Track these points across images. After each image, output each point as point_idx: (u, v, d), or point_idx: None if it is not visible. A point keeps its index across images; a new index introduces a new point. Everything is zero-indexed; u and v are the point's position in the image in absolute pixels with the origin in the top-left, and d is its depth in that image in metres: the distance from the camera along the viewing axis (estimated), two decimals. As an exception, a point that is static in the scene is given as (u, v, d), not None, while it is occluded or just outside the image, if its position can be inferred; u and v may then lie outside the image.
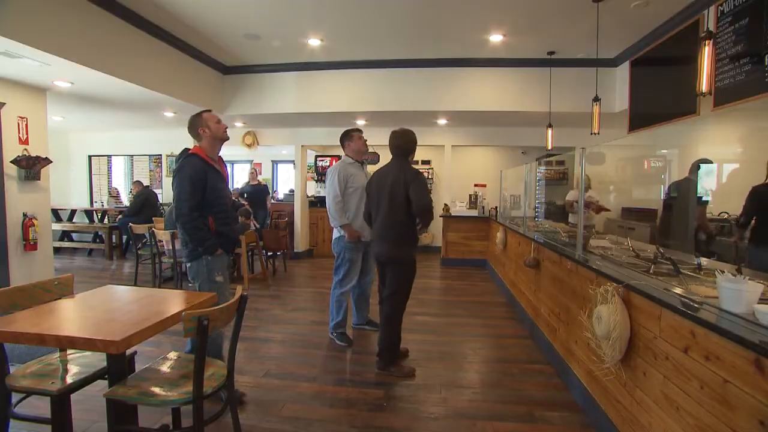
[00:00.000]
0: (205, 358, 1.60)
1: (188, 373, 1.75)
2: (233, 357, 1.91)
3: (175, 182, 2.54)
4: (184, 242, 2.60)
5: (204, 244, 2.52)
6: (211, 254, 2.56)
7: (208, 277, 2.57)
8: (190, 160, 2.55)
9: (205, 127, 2.60)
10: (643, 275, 2.17)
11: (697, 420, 1.48)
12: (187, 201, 2.47)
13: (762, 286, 1.48)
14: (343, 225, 3.44)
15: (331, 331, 3.65)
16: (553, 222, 4.66)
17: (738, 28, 3.17)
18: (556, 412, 2.48)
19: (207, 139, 2.61)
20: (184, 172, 2.50)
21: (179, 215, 2.50)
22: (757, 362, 1.22)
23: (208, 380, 1.77)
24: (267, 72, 5.97)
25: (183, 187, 2.49)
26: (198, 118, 2.62)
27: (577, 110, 5.20)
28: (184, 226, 2.51)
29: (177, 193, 2.51)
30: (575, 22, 4.19)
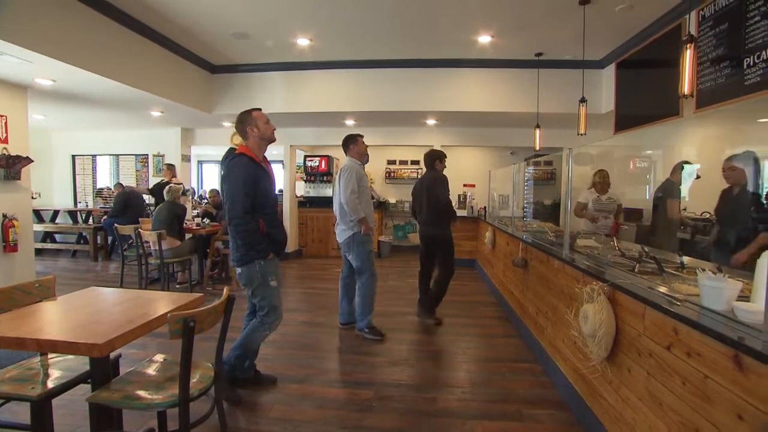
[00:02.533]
0: (191, 360, 1.58)
1: (174, 376, 1.73)
2: (221, 358, 1.89)
3: (227, 184, 2.46)
4: (234, 246, 2.53)
5: (257, 247, 2.47)
6: (264, 258, 2.51)
7: (263, 282, 2.53)
8: (241, 160, 2.47)
9: (254, 126, 2.52)
10: (628, 274, 2.20)
11: (680, 416, 1.51)
12: (241, 203, 2.39)
13: (740, 283, 1.51)
14: (361, 219, 3.60)
15: (364, 328, 3.68)
16: (541, 222, 4.71)
17: (718, 32, 3.24)
18: (544, 410, 2.51)
19: (254, 138, 2.52)
20: (235, 174, 2.43)
21: (232, 218, 2.43)
22: (736, 358, 1.25)
23: (195, 383, 1.75)
24: (255, 71, 5.93)
25: (236, 188, 2.41)
26: (248, 116, 2.53)
27: (564, 111, 5.26)
28: (237, 228, 2.43)
29: (230, 195, 2.43)
30: (562, 23, 4.24)
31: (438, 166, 4.14)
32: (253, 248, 2.47)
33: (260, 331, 2.64)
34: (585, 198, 4.41)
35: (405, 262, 7.51)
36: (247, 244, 2.45)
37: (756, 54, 2.89)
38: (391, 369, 3.04)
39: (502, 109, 5.58)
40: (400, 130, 7.41)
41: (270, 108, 5.99)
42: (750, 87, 2.94)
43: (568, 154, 2.81)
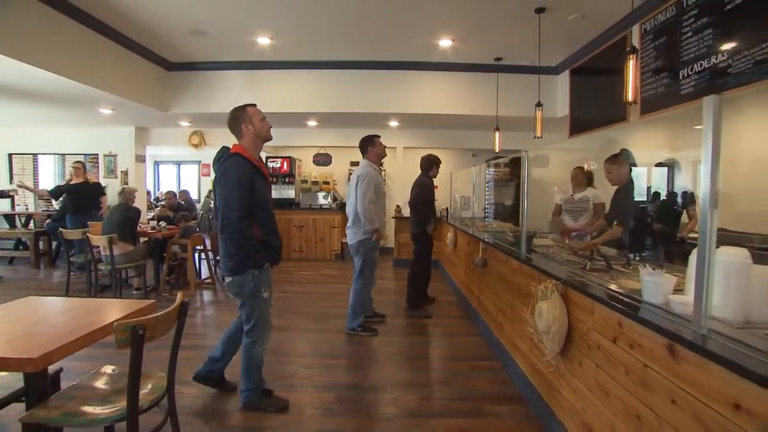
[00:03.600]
0: (141, 370, 1.51)
1: (124, 388, 1.64)
2: (174, 367, 1.81)
3: (220, 187, 2.27)
4: (227, 254, 2.33)
5: (253, 256, 2.29)
6: (258, 268, 2.33)
7: (254, 293, 2.36)
8: (236, 160, 2.28)
9: (249, 124, 2.35)
10: (580, 272, 2.31)
11: (623, 403, 1.60)
12: (237, 209, 2.21)
13: (675, 278, 1.62)
14: (376, 228, 3.71)
15: (356, 327, 3.78)
16: (501, 222, 4.85)
17: (658, 45, 3.47)
18: (504, 405, 2.58)
19: (249, 137, 2.35)
20: (230, 175, 2.24)
21: (227, 224, 2.24)
22: (670, 347, 1.34)
23: (146, 393, 1.67)
24: (214, 69, 5.76)
25: (231, 192, 2.22)
26: (242, 112, 2.36)
27: (522, 114, 5.44)
28: (232, 236, 2.25)
29: (223, 199, 2.24)
30: (520, 30, 4.39)
31: (432, 171, 4.50)
32: (249, 257, 2.29)
33: (256, 348, 2.48)
34: (560, 198, 4.16)
35: (370, 264, 7.51)
36: (242, 253, 2.27)
37: (689, 66, 3.12)
38: (353, 371, 3.03)
39: (463, 112, 5.71)
40: (364, 131, 7.29)
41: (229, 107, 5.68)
42: (685, 96, 3.16)
43: (524, 157, 2.91)
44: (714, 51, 2.92)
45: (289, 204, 8.18)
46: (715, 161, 1.26)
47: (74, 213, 5.78)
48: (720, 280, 1.36)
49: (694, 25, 3.07)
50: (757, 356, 1.09)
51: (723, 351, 1.15)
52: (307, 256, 8.06)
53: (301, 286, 5.97)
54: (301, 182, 8.60)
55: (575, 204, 4.01)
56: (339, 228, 8.09)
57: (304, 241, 8.08)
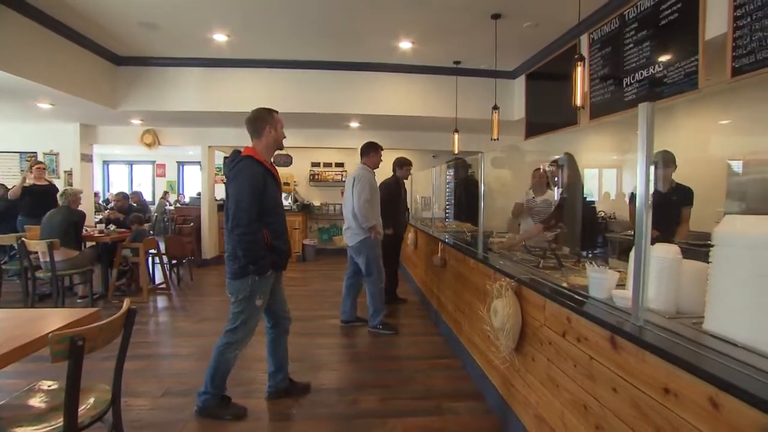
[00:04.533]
0: (80, 384, 1.41)
1: (62, 404, 1.53)
2: (119, 379, 1.71)
3: (233, 188, 2.25)
4: (232, 256, 2.30)
5: (259, 262, 2.27)
6: (260, 275, 2.30)
7: (248, 298, 2.33)
8: (249, 163, 2.28)
9: (273, 128, 2.37)
10: (533, 270, 2.40)
11: (572, 394, 1.68)
12: (248, 211, 2.21)
13: (618, 274, 1.72)
14: (373, 225, 3.81)
15: (377, 325, 3.88)
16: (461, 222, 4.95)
17: (604, 54, 3.68)
18: (462, 402, 2.64)
19: (268, 141, 2.37)
20: (243, 177, 2.23)
21: (237, 226, 2.22)
22: (612, 339, 1.42)
23: (88, 409, 1.57)
24: (168, 66, 5.51)
25: (243, 194, 2.21)
26: (269, 115, 2.38)
27: (481, 117, 5.58)
28: (242, 238, 2.23)
29: (235, 202, 2.22)
30: (477, 35, 4.51)
31: (398, 172, 4.60)
32: (255, 262, 2.27)
33: (229, 352, 2.42)
34: (522, 199, 4.08)
35: (329, 266, 7.46)
36: (248, 256, 2.25)
37: (632, 75, 3.33)
38: (312, 374, 2.99)
39: (424, 114, 5.78)
40: (324, 132, 7.35)
41: (185, 106, 5.62)
42: (628, 102, 3.37)
43: (481, 158, 2.99)
44: (652, 62, 3.13)
45: (249, 205, 7.96)
46: (648, 164, 1.35)
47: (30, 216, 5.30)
48: (654, 274, 1.46)
49: (635, 37, 3.28)
50: (685, 344, 1.18)
51: (655, 340, 1.23)
52: (268, 258, 7.87)
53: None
54: (262, 183, 8.40)
55: (537, 207, 3.93)
56: (300, 230, 7.98)
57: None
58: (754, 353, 1.06)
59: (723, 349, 1.10)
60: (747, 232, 1.15)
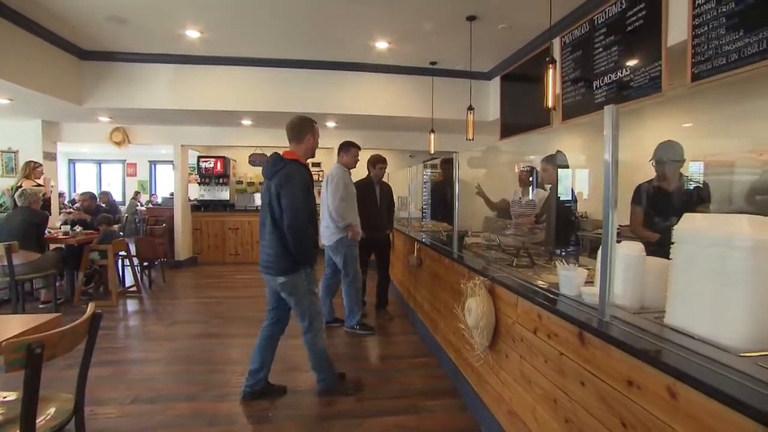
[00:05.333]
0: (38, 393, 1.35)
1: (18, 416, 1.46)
2: (83, 387, 1.65)
3: (287, 190, 2.40)
4: (281, 254, 2.46)
5: (311, 256, 2.52)
6: (311, 267, 2.56)
7: (309, 291, 2.56)
8: (297, 167, 2.49)
9: (312, 137, 2.61)
10: (506, 268, 2.44)
11: (543, 389, 1.72)
12: (303, 210, 2.41)
13: (586, 271, 1.77)
14: (350, 225, 3.74)
15: (354, 325, 3.85)
16: (437, 222, 4.99)
17: (575, 57, 3.78)
18: (438, 400, 2.66)
19: (307, 147, 2.60)
20: (296, 181, 2.42)
21: (296, 224, 2.39)
22: (580, 335, 1.46)
23: (49, 419, 1.51)
24: (138, 62, 5.33)
25: (298, 196, 2.40)
26: (310, 124, 2.63)
27: (457, 117, 5.63)
28: (300, 236, 2.42)
29: (291, 202, 2.39)
30: (452, 36, 4.55)
31: (371, 172, 4.42)
32: (307, 256, 2.49)
33: (319, 341, 2.66)
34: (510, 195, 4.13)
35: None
36: (301, 252, 2.45)
37: (601, 78, 3.43)
38: (287, 376, 2.95)
39: (400, 114, 5.80)
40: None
41: (156, 103, 5.45)
42: (598, 105, 3.47)
43: (456, 158, 3.03)
44: (620, 66, 3.24)
45: (223, 206, 7.83)
46: (614, 164, 1.39)
47: None
48: (620, 271, 1.50)
49: (604, 41, 3.39)
50: (647, 338, 1.23)
51: (620, 335, 1.27)
52: (243, 259, 7.76)
53: (234, 290, 5.72)
54: (237, 183, 8.26)
55: (522, 207, 3.97)
56: (278, 230, 7.88)
57: (239, 245, 7.77)
58: (709, 345, 1.11)
59: (681, 342, 1.15)
60: (704, 230, 1.20)
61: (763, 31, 2.18)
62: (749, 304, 1.06)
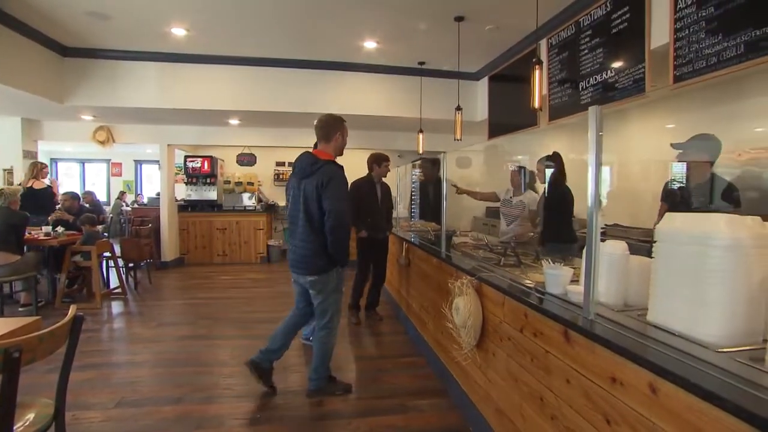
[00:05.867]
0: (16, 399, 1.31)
1: (-4, 420, 1.42)
2: (63, 392, 1.61)
3: (330, 190, 2.43)
4: (317, 254, 2.51)
5: (346, 256, 2.57)
6: (344, 266, 2.62)
7: (336, 289, 2.62)
8: (336, 167, 2.52)
9: (341, 136, 2.62)
10: (494, 268, 2.46)
11: (529, 387, 1.73)
12: (348, 212, 2.49)
13: (572, 270, 1.79)
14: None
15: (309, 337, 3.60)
16: (426, 222, 5.00)
17: (562, 59, 3.82)
18: (426, 399, 2.66)
19: (336, 146, 2.62)
20: (338, 182, 2.47)
21: (339, 225, 2.44)
22: (566, 333, 1.48)
23: (27, 426, 1.47)
24: (123, 59, 5.23)
25: (340, 196, 2.46)
26: (340, 123, 2.63)
27: (445, 117, 5.65)
28: (343, 236, 2.48)
29: (335, 203, 2.43)
30: (440, 36, 4.56)
31: (374, 171, 4.31)
32: (342, 256, 2.54)
33: (330, 339, 2.70)
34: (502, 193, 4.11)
35: (299, 266, 7.36)
36: (339, 252, 2.51)
37: (587, 80, 3.48)
38: (275, 377, 2.93)
39: (389, 114, 5.80)
40: (289, 131, 7.22)
41: (141, 102, 5.35)
42: (584, 105, 3.52)
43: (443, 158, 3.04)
44: (605, 67, 3.28)
45: (211, 206, 7.73)
46: (598, 163, 1.41)
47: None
48: (605, 270, 1.53)
49: (589, 43, 3.43)
50: (630, 335, 1.25)
51: (604, 333, 1.29)
52: (231, 260, 7.69)
53: (222, 291, 5.66)
54: (224, 183, 8.17)
55: (512, 207, 3.93)
56: (264, 230, 7.83)
57: (227, 245, 7.69)
58: (689, 341, 1.13)
59: (663, 339, 1.17)
60: (684, 228, 1.22)
61: (740, 36, 2.23)
62: (726, 301, 1.09)
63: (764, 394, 0.87)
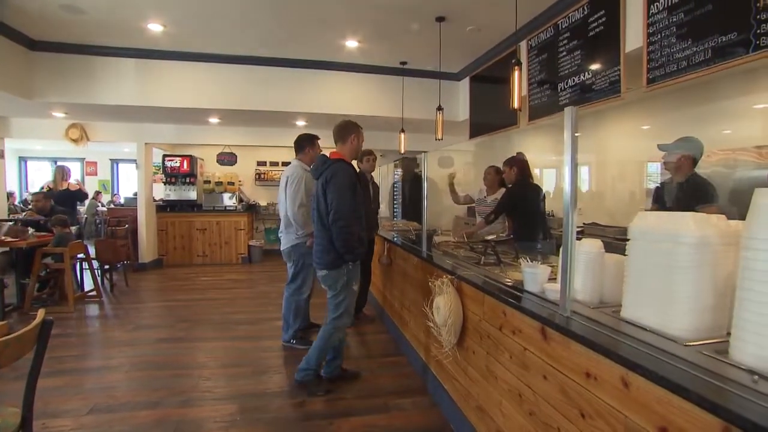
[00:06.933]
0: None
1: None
2: (31, 399, 1.55)
3: (333, 186, 2.52)
4: (326, 249, 2.58)
5: (354, 251, 2.58)
6: (354, 262, 2.64)
7: (347, 285, 2.65)
8: (342, 165, 2.59)
9: (356, 138, 2.73)
10: (474, 267, 2.48)
11: (508, 384, 1.76)
12: (348, 206, 2.51)
13: (549, 268, 1.82)
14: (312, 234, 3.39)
15: (290, 339, 3.57)
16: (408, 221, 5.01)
17: (541, 60, 3.89)
18: (408, 398, 2.67)
19: (351, 148, 2.72)
20: (341, 178, 2.52)
21: (340, 218, 2.49)
22: (543, 331, 1.50)
23: (-8, 433, 1.41)
24: (97, 54, 5.06)
25: (343, 191, 2.51)
26: (355, 127, 2.75)
27: (426, 117, 5.67)
28: (342, 230, 2.51)
29: (337, 198, 2.50)
30: (422, 36, 4.57)
31: (361, 166, 4.27)
32: (350, 251, 2.57)
33: (335, 335, 2.73)
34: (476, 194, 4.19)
35: (276, 267, 7.28)
36: (346, 247, 2.54)
37: (565, 81, 3.55)
38: (256, 378, 2.90)
39: (370, 113, 5.78)
40: (270, 130, 7.15)
41: (117, 99, 5.20)
42: (563, 106, 3.59)
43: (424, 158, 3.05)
44: (582, 69, 3.35)
45: (191, 206, 7.59)
46: (574, 163, 1.44)
47: None
48: (581, 268, 1.56)
49: (568, 45, 3.50)
50: (604, 331, 1.27)
51: (579, 329, 1.31)
52: (211, 260, 7.56)
53: (202, 292, 5.55)
54: (204, 183, 8.02)
55: (487, 206, 3.94)
56: (245, 230, 7.73)
57: (207, 245, 7.56)
58: (659, 336, 1.17)
59: (635, 334, 1.20)
60: (655, 226, 1.26)
61: (707, 41, 2.31)
62: (694, 297, 1.13)
63: (726, 385, 0.90)
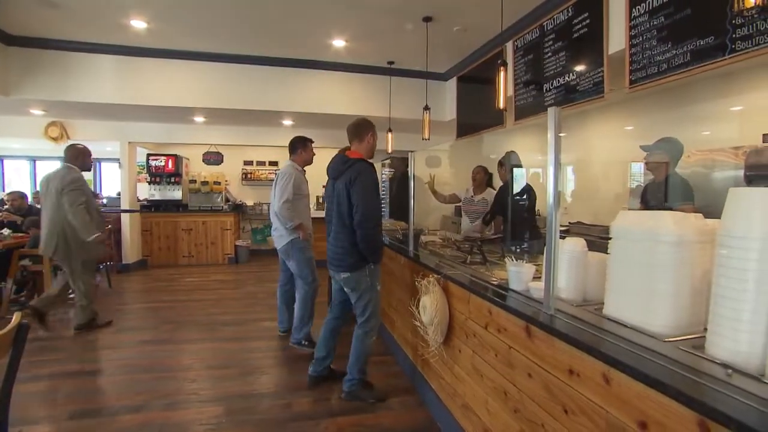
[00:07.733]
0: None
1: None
2: (6, 406, 1.50)
3: (358, 187, 2.45)
4: (348, 251, 2.53)
5: (377, 252, 2.56)
6: (376, 263, 2.60)
7: (371, 286, 2.60)
8: (366, 165, 2.54)
9: (371, 137, 2.66)
10: (460, 266, 2.50)
11: (494, 382, 1.77)
12: (375, 208, 2.50)
13: (534, 267, 1.84)
14: (297, 225, 3.48)
15: (301, 340, 3.47)
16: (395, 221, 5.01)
17: (527, 61, 3.93)
18: (396, 397, 2.67)
19: (367, 147, 2.65)
20: (366, 179, 2.47)
21: (367, 220, 2.44)
22: (527, 329, 1.52)
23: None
24: (77, 51, 4.94)
25: (369, 194, 2.47)
26: (371, 125, 2.68)
27: (413, 117, 5.68)
28: (369, 232, 2.46)
29: (363, 199, 2.44)
30: (409, 36, 4.58)
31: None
32: (374, 253, 2.53)
33: (368, 339, 2.69)
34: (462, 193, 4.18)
35: (263, 267, 7.22)
36: (369, 249, 2.50)
37: (550, 82, 3.59)
38: (242, 380, 2.87)
39: (357, 113, 5.76)
40: (257, 129, 7.09)
41: (98, 97, 5.09)
42: (548, 106, 3.61)
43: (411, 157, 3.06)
44: (567, 70, 3.40)
45: (176, 206, 7.47)
46: (557, 162, 1.46)
47: None
48: (564, 266, 1.58)
49: (553, 47, 3.54)
50: (587, 328, 1.29)
51: (562, 327, 1.33)
52: (197, 261, 7.46)
53: (187, 294, 5.47)
54: (190, 182, 7.91)
55: (474, 205, 3.98)
56: (232, 230, 7.64)
57: (193, 246, 7.45)
58: (640, 332, 1.19)
59: (616, 331, 1.23)
60: (636, 225, 1.28)
61: (686, 45, 2.36)
62: (672, 294, 1.15)
63: (702, 379, 0.92)
